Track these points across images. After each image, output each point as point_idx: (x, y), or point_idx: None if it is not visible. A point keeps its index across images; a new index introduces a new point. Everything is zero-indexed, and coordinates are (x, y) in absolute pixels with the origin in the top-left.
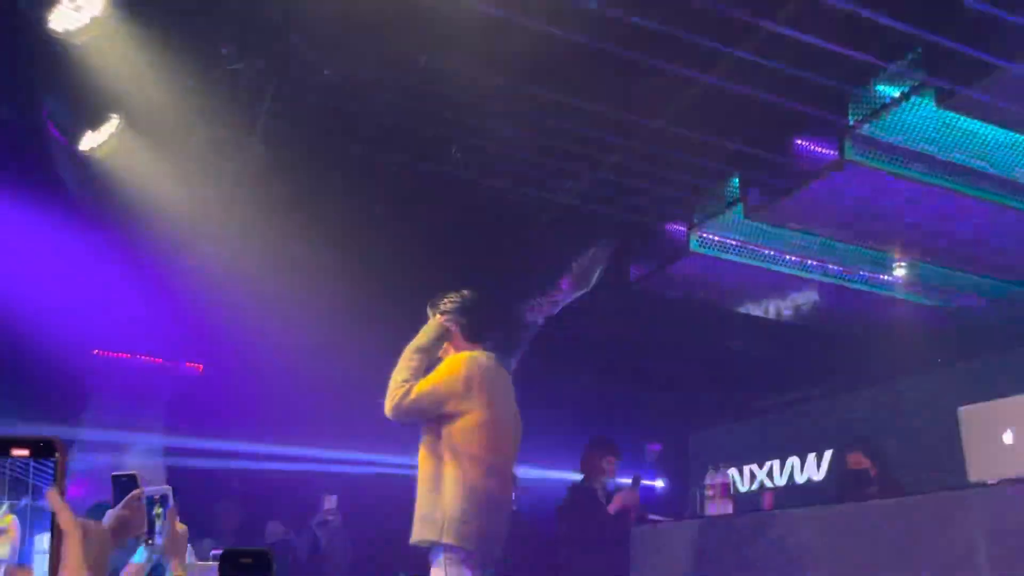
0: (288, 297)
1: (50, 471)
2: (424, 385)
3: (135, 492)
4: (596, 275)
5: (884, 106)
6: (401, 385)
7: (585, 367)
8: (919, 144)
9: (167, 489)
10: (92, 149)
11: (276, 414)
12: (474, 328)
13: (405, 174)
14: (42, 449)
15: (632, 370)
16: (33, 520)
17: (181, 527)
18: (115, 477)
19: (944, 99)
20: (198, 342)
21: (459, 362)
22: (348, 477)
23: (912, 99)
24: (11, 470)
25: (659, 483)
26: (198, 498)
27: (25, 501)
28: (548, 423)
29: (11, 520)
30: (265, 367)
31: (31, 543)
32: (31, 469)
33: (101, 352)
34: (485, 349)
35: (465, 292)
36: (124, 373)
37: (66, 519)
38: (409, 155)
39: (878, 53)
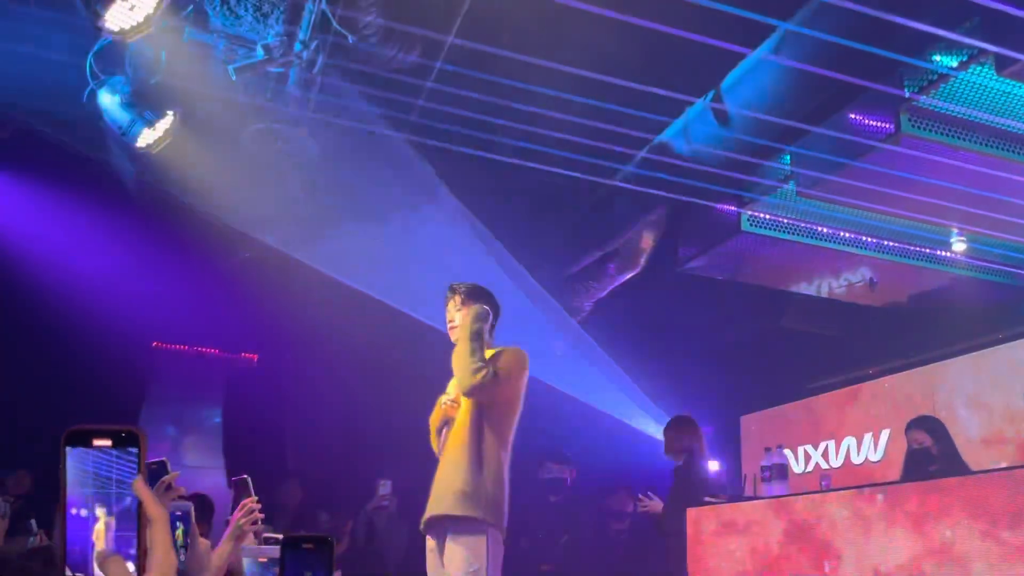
0: (340, 286)
1: (131, 462)
2: (507, 373)
3: (165, 479)
4: (645, 257)
5: (941, 76)
6: (480, 366)
7: (633, 349)
8: (978, 114)
9: (188, 506)
10: (149, 145)
11: (330, 401)
12: (496, 322)
13: (453, 158)
14: (124, 440)
15: (682, 351)
16: (119, 511)
17: (204, 543)
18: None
19: (1004, 67)
20: (254, 333)
21: (524, 357)
22: (402, 462)
23: (971, 68)
24: (95, 463)
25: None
26: (257, 482)
27: (111, 493)
28: (595, 408)
29: (110, 522)
30: (318, 356)
31: (122, 534)
32: (114, 461)
33: (160, 344)
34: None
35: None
36: (182, 364)
37: (153, 507)
38: (457, 140)
39: (935, 22)
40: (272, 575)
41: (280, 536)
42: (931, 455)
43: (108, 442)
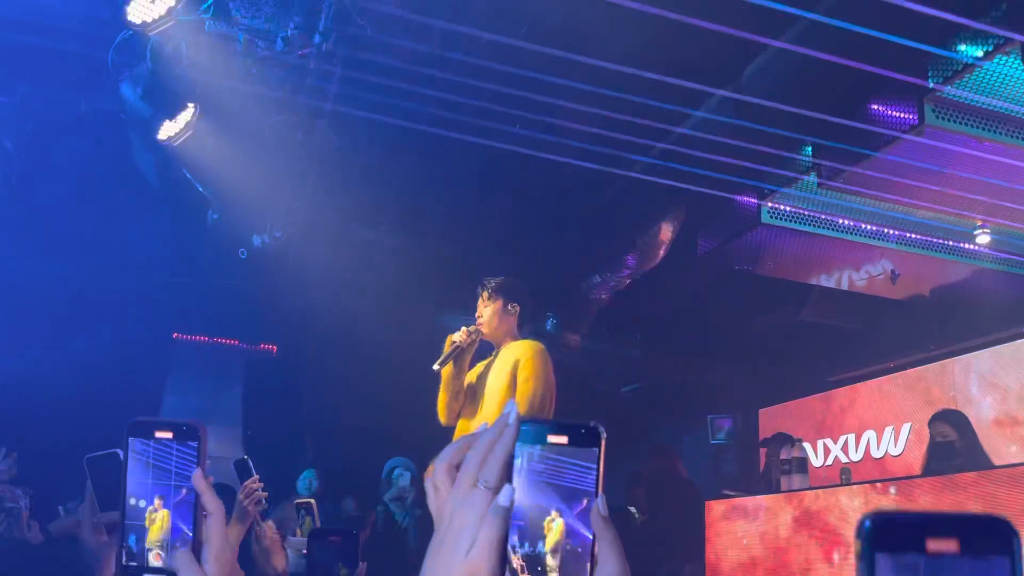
0: (358, 278)
1: (191, 455)
2: (542, 401)
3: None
4: (664, 249)
5: (967, 66)
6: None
7: (653, 341)
8: (1004, 105)
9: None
10: (170, 137)
11: (349, 391)
12: (529, 313)
13: (469, 153)
14: (185, 433)
15: (700, 343)
16: (177, 503)
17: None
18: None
19: None
20: (273, 324)
21: (544, 358)
22: (420, 453)
23: (997, 58)
24: (155, 455)
25: None
26: (278, 469)
27: (170, 485)
28: (615, 399)
29: (167, 514)
30: (337, 346)
31: (179, 526)
32: (174, 454)
33: (180, 335)
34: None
35: (519, 279)
36: (202, 355)
37: (211, 501)
38: (475, 132)
39: (959, 10)
40: None
41: (312, 501)
42: (954, 449)
43: (169, 434)
